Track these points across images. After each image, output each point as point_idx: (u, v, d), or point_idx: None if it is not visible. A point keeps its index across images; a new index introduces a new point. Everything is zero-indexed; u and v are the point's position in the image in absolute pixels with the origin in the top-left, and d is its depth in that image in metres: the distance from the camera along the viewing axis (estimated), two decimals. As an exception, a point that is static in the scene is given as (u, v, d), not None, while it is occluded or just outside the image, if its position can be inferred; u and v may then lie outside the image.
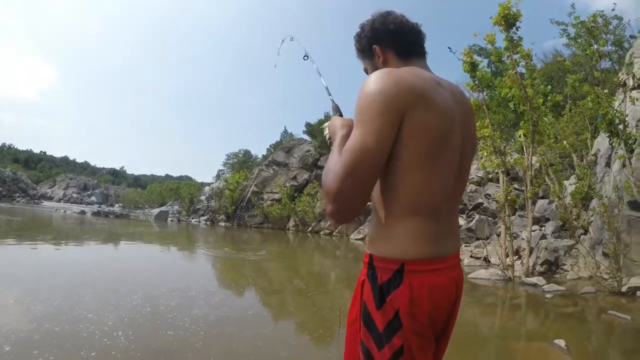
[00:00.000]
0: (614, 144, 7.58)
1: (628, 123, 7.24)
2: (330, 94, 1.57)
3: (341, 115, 1.41)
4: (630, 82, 8.39)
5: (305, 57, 1.75)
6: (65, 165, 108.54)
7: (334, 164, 1.06)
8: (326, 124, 1.38)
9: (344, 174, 1.01)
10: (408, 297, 1.05)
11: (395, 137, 1.05)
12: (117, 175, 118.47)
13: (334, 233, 19.75)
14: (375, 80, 1.08)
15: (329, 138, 1.32)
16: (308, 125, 34.94)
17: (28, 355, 3.05)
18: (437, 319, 1.12)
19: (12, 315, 4.15)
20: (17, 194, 40.69)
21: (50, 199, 52.83)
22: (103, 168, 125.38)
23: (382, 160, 1.05)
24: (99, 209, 31.32)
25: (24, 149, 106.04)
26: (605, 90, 7.90)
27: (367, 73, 1.35)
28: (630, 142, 7.08)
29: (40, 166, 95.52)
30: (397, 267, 1.07)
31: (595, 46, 8.88)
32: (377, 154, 1.02)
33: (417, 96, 1.06)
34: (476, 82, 8.70)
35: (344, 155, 1.03)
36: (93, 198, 57.38)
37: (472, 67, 8.60)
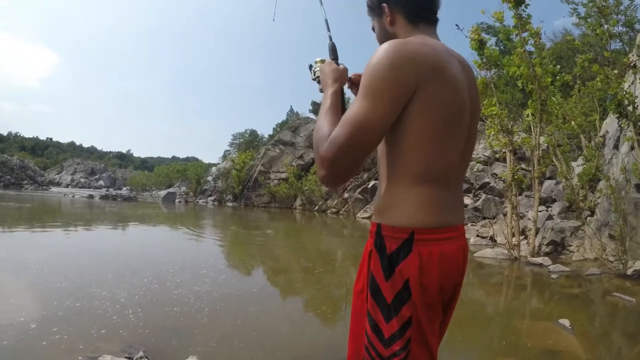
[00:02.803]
0: (622, 126, 7.45)
1: (638, 105, 7.11)
2: (329, 30, 1.44)
3: (336, 59, 1.36)
4: (641, 64, 8.21)
5: None
6: (72, 150, 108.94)
7: (327, 128, 1.06)
8: (318, 61, 1.36)
9: (342, 145, 0.99)
10: (418, 266, 1.03)
11: (409, 108, 1.03)
12: (124, 159, 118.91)
13: (340, 212, 19.72)
14: (386, 53, 1.03)
15: (319, 82, 1.30)
16: (314, 103, 34.87)
17: (48, 332, 3.24)
18: (445, 289, 1.11)
19: (40, 295, 4.37)
20: (25, 181, 40.88)
21: (59, 184, 53.30)
22: (110, 152, 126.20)
23: (382, 136, 1.04)
24: (107, 192, 31.59)
25: (30, 136, 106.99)
26: (615, 71, 7.73)
27: (374, 31, 1.31)
28: (639, 124, 6.98)
29: (47, 152, 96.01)
30: (407, 236, 1.05)
31: (606, 26, 8.66)
32: (378, 131, 1.01)
33: (431, 69, 1.03)
34: (484, 60, 8.56)
35: (344, 127, 1.00)
36: (101, 182, 57.64)
37: (480, 45, 8.44)
